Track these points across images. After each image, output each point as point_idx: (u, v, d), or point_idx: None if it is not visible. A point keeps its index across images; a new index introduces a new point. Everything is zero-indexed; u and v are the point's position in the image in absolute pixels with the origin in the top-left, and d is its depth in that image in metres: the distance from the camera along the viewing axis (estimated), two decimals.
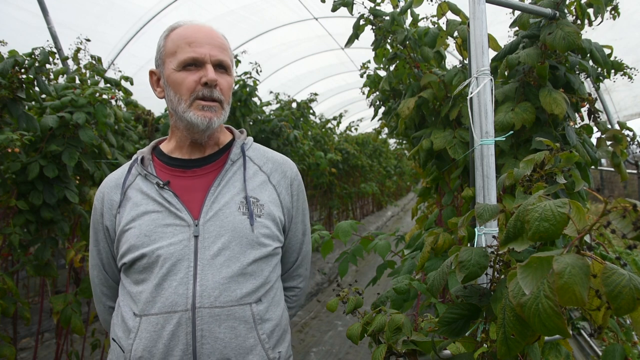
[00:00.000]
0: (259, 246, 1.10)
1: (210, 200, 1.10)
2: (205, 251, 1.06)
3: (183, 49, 1.09)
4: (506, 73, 1.69)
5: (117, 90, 2.67)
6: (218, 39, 1.14)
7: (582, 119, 1.78)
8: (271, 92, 5.71)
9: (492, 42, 1.71)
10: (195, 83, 1.09)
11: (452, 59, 3.83)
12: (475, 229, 1.12)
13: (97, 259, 1.21)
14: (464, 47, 1.85)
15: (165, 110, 3.74)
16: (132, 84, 2.86)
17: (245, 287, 1.07)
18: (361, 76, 2.76)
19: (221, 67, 1.13)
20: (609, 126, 1.80)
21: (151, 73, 1.19)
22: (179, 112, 1.11)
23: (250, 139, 1.26)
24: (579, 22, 1.59)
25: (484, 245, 1.04)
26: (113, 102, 2.68)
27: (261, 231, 1.11)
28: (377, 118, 2.87)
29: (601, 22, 1.59)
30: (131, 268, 1.09)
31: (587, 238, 1.19)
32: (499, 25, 2.48)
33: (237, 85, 4.31)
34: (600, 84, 1.94)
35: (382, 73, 2.67)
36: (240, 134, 1.26)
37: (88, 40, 2.73)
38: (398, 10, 2.00)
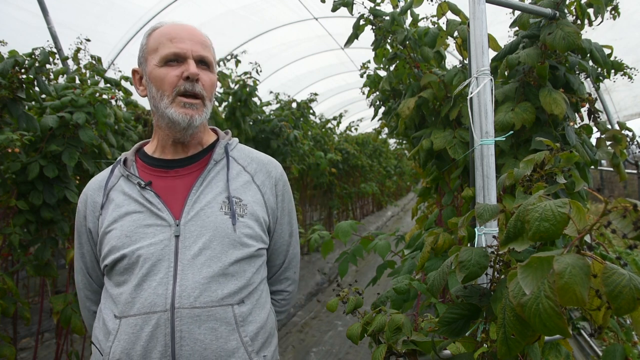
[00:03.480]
0: (241, 246, 1.08)
1: (192, 200, 1.09)
2: (186, 251, 1.04)
3: (165, 44, 1.09)
4: (506, 73, 1.69)
5: (117, 90, 2.67)
6: (200, 37, 1.14)
7: (582, 119, 1.77)
8: (271, 92, 5.71)
9: (492, 42, 1.71)
10: (177, 78, 1.08)
11: (452, 59, 3.83)
12: (475, 229, 1.12)
13: (81, 262, 1.20)
14: (464, 47, 1.85)
15: None
16: (132, 84, 2.85)
17: (227, 288, 1.05)
18: (361, 76, 2.76)
19: (203, 63, 1.12)
20: (609, 126, 1.80)
21: (134, 72, 1.19)
22: (161, 109, 1.10)
23: (235, 139, 1.25)
24: (579, 22, 1.59)
25: (484, 245, 1.04)
26: (113, 102, 2.68)
27: (243, 231, 1.09)
28: (377, 118, 2.87)
29: (601, 22, 1.59)
30: (113, 270, 1.08)
31: (587, 238, 1.19)
32: (499, 25, 2.48)
33: (237, 85, 4.30)
34: (600, 84, 1.93)
35: (382, 73, 2.67)
36: (225, 135, 1.25)
37: (88, 40, 2.73)
38: (398, 10, 2.00)
